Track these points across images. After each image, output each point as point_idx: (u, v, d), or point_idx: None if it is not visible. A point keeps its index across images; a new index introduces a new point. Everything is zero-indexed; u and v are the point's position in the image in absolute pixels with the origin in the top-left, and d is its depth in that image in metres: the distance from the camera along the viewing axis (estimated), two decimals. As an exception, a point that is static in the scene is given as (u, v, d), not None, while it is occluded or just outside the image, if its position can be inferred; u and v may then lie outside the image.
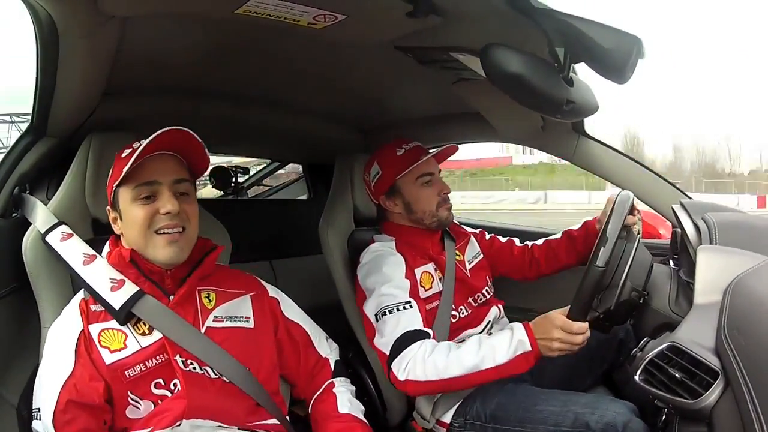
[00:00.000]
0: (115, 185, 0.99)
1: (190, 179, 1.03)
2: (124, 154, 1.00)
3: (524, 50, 0.83)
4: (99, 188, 1.15)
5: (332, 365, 1.17)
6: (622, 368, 1.32)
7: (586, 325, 1.05)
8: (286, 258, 2.09)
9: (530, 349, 1.07)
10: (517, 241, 1.58)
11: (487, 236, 1.61)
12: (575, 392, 1.19)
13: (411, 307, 1.23)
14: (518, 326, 1.11)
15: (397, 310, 1.22)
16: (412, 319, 1.21)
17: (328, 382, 1.14)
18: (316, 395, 1.14)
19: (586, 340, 1.06)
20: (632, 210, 1.15)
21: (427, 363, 1.12)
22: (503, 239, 1.59)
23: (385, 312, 1.22)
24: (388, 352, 1.18)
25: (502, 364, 1.08)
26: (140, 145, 0.96)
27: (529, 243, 1.55)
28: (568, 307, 1.06)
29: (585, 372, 1.38)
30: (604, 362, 1.37)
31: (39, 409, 0.91)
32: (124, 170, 0.94)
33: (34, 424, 0.92)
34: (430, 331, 1.22)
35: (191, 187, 1.04)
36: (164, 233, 0.97)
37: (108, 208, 1.03)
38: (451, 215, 1.43)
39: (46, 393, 0.91)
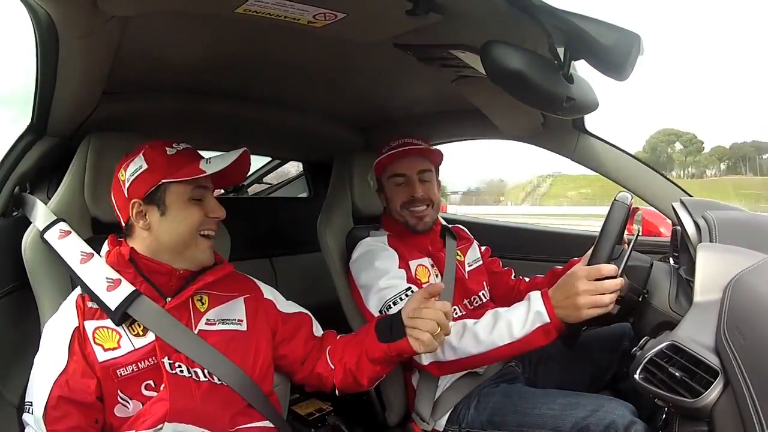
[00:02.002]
0: (165, 181, 0.98)
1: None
2: (171, 152, 1.01)
3: (524, 47, 0.83)
4: (99, 187, 1.15)
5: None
6: (628, 379, 1.31)
7: (615, 267, 0.99)
8: (286, 256, 2.09)
9: (548, 320, 1.02)
10: (512, 273, 1.60)
11: (490, 256, 1.62)
12: (574, 393, 1.17)
13: (413, 293, 1.21)
14: (536, 296, 1.06)
15: (401, 299, 1.21)
16: None
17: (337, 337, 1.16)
18: (328, 349, 1.13)
19: (619, 288, 0.98)
20: (631, 209, 1.14)
21: (444, 343, 1.10)
22: (503, 267, 1.61)
23: (390, 305, 1.21)
24: None
25: (519, 340, 1.04)
26: (184, 147, 1.03)
27: (521, 277, 1.58)
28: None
29: (587, 382, 1.36)
30: (607, 372, 1.36)
31: (31, 402, 0.91)
32: (191, 177, 0.98)
33: (25, 416, 0.92)
34: None
35: None
36: (207, 236, 1.03)
37: (138, 200, 1.00)
38: (422, 223, 1.39)
39: (38, 387, 0.91)
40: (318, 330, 1.18)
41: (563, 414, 1.09)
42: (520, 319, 1.05)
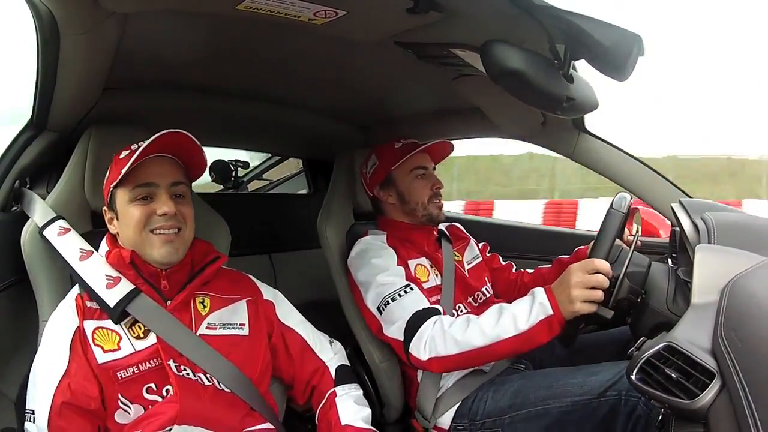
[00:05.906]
0: (112, 186, 0.99)
1: (186, 182, 1.04)
2: (122, 155, 1.00)
3: (524, 47, 0.83)
4: (98, 180, 1.15)
5: (333, 372, 1.13)
6: None
7: (607, 264, 1.01)
8: (285, 252, 2.10)
9: (551, 312, 1.02)
10: (513, 267, 1.60)
11: (489, 252, 1.62)
12: (593, 365, 1.17)
13: (412, 290, 1.22)
14: (539, 290, 1.07)
15: (399, 296, 1.21)
16: (416, 300, 1.20)
17: (330, 391, 1.11)
18: (320, 406, 1.11)
19: (607, 282, 1.00)
20: (630, 210, 1.14)
21: (446, 337, 1.09)
22: (503, 262, 1.61)
23: (387, 301, 1.21)
24: (402, 338, 1.16)
25: (524, 332, 1.04)
26: (138, 147, 0.97)
27: (522, 270, 1.58)
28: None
29: None
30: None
31: (33, 411, 0.90)
32: (122, 171, 0.95)
33: (27, 425, 0.90)
34: (439, 307, 1.20)
35: (187, 189, 1.05)
36: (160, 233, 0.98)
37: (104, 208, 1.04)
38: (442, 214, 1.43)
39: (41, 394, 0.90)
40: (324, 351, 1.16)
41: (588, 380, 1.09)
42: (524, 312, 1.05)
